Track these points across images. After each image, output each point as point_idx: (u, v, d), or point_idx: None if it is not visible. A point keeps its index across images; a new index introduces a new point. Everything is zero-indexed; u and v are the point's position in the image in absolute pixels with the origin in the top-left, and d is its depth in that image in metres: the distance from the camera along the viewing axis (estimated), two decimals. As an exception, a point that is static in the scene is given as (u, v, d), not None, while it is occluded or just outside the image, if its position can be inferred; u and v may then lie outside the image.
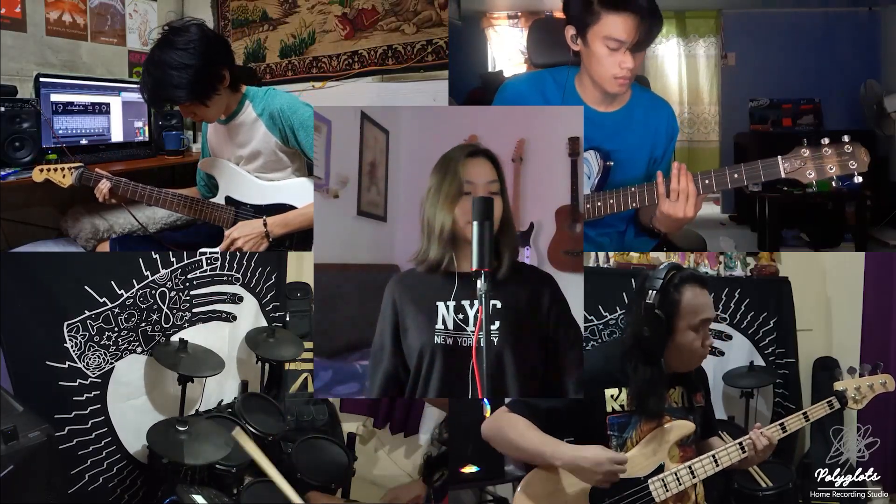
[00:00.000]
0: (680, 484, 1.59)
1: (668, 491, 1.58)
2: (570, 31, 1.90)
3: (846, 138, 1.69)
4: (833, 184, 1.75)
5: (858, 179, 1.69)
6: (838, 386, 1.74)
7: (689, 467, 1.61)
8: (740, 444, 1.64)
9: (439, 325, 1.46)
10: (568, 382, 1.53)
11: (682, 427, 1.62)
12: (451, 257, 1.47)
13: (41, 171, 2.32)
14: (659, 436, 1.60)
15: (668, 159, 2.06)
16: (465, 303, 1.46)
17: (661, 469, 1.59)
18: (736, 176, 1.75)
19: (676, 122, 2.09)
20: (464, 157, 1.50)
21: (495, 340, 1.44)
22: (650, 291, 1.60)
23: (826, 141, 1.70)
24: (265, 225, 2.18)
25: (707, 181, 1.78)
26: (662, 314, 1.57)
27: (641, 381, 1.59)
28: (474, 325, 1.43)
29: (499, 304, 1.45)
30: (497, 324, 1.44)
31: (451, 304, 1.46)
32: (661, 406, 1.61)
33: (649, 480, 1.58)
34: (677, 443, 1.62)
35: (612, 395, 1.61)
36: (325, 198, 2.61)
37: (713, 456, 1.63)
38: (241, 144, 2.28)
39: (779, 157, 1.73)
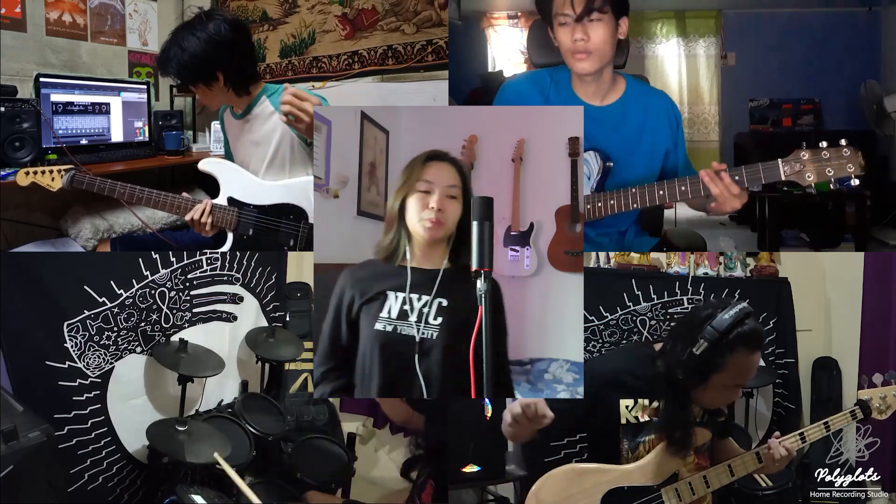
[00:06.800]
0: (693, 493, 1.58)
1: (681, 500, 1.57)
2: (549, 30, 1.97)
3: (843, 142, 1.71)
4: (831, 186, 1.75)
5: (855, 182, 1.71)
6: (862, 395, 1.70)
7: (704, 477, 1.59)
8: (757, 453, 1.62)
9: (384, 314, 1.50)
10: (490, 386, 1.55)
11: (697, 435, 1.60)
12: (405, 251, 1.52)
13: (27, 173, 2.22)
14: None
15: (682, 145, 2.08)
16: (414, 296, 1.49)
17: (675, 477, 1.58)
18: (737, 178, 1.77)
19: (676, 107, 2.10)
20: (423, 160, 1.56)
21: (434, 335, 1.47)
22: (702, 341, 1.48)
23: (824, 144, 1.72)
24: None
25: (682, 188, 1.80)
26: (704, 369, 1.49)
27: (668, 418, 1.56)
28: (417, 318, 1.48)
29: (445, 303, 1.49)
30: (440, 320, 1.48)
31: (402, 295, 1.50)
32: (687, 441, 1.57)
33: (662, 490, 1.57)
34: (693, 450, 1.60)
35: (626, 406, 1.60)
36: (325, 198, 2.61)
37: (728, 466, 1.61)
38: (257, 142, 2.29)
39: (779, 160, 1.75)
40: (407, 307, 1.49)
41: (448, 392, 1.49)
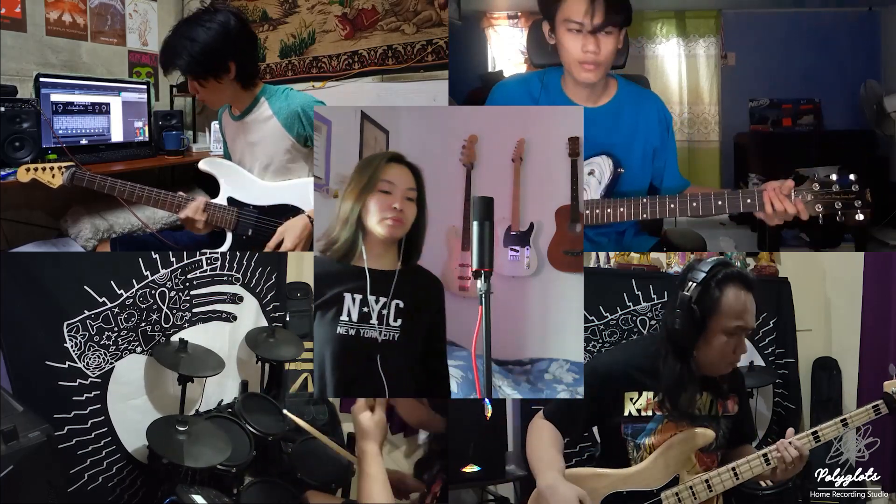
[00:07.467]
0: (695, 498, 1.56)
1: None
2: (546, 27, 1.96)
3: (853, 177, 1.75)
4: (838, 219, 1.78)
5: (860, 217, 1.75)
6: (889, 387, 1.64)
7: (706, 480, 1.57)
8: (765, 455, 1.59)
9: (343, 317, 1.51)
10: (433, 385, 1.59)
11: (699, 436, 1.58)
12: (361, 250, 1.54)
13: (27, 170, 2.25)
14: (674, 445, 1.57)
15: (672, 148, 2.09)
16: (371, 298, 1.52)
17: (676, 481, 1.57)
18: (749, 201, 1.78)
19: (667, 109, 2.12)
20: (385, 160, 1.58)
21: (395, 336, 1.52)
22: (690, 283, 1.54)
23: (834, 177, 1.75)
24: (309, 217, 2.20)
25: (720, 202, 1.80)
26: (698, 309, 1.52)
27: (671, 376, 1.55)
28: (377, 320, 1.51)
29: (401, 304, 1.53)
30: (399, 321, 1.52)
31: (359, 297, 1.52)
32: (691, 404, 1.57)
33: (662, 494, 1.56)
34: (698, 451, 1.59)
35: (631, 399, 1.59)
36: (325, 198, 2.61)
37: (733, 469, 1.58)
38: (254, 143, 2.29)
39: (791, 190, 1.76)
40: (367, 309, 1.52)
41: (410, 392, 1.55)
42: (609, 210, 1.89)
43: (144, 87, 3.46)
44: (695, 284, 1.53)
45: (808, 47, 4.71)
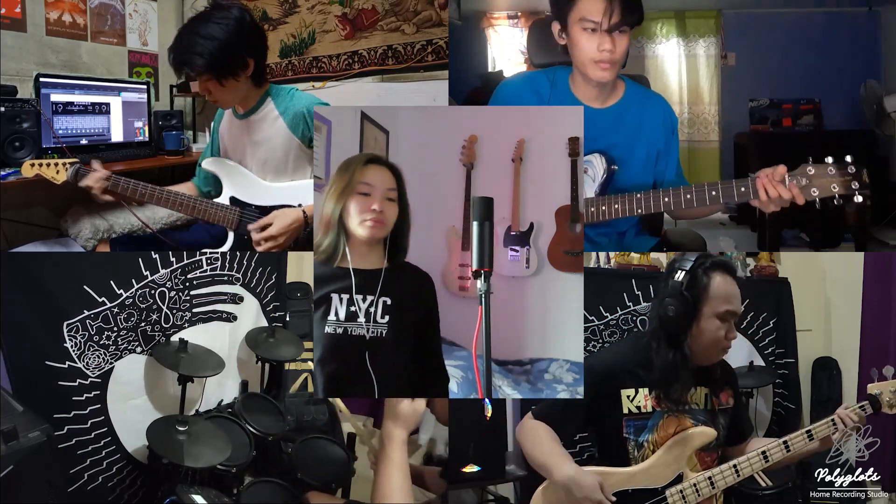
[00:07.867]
0: (699, 496, 1.57)
1: (686, 503, 1.57)
2: (556, 27, 1.95)
3: (849, 158, 1.75)
4: (835, 202, 1.78)
5: (859, 199, 1.74)
6: (872, 389, 1.67)
7: (710, 478, 1.58)
8: (763, 452, 1.60)
9: (331, 317, 1.53)
10: (429, 384, 1.60)
11: (702, 434, 1.59)
12: (344, 251, 1.55)
13: (32, 165, 2.24)
14: (678, 443, 1.57)
15: (674, 151, 2.09)
16: (359, 297, 1.54)
17: (679, 479, 1.58)
18: (743, 189, 1.78)
19: (673, 113, 2.12)
20: (363, 162, 1.59)
21: (383, 333, 1.53)
22: (679, 272, 1.60)
23: (830, 160, 1.75)
24: (304, 213, 2.18)
25: (714, 192, 1.80)
26: (689, 295, 1.57)
27: (664, 365, 1.57)
28: (365, 318, 1.53)
29: (388, 301, 1.54)
30: (387, 318, 1.53)
31: (346, 297, 1.54)
32: (684, 394, 1.59)
33: (667, 492, 1.57)
34: (697, 450, 1.60)
35: (628, 396, 1.60)
36: (325, 198, 2.62)
37: (734, 466, 1.60)
38: (259, 143, 2.29)
39: (785, 175, 1.76)
40: (354, 308, 1.53)
41: (404, 391, 1.54)
42: (604, 207, 1.89)
43: (144, 87, 3.46)
44: (684, 273, 1.59)
45: (808, 47, 4.71)
